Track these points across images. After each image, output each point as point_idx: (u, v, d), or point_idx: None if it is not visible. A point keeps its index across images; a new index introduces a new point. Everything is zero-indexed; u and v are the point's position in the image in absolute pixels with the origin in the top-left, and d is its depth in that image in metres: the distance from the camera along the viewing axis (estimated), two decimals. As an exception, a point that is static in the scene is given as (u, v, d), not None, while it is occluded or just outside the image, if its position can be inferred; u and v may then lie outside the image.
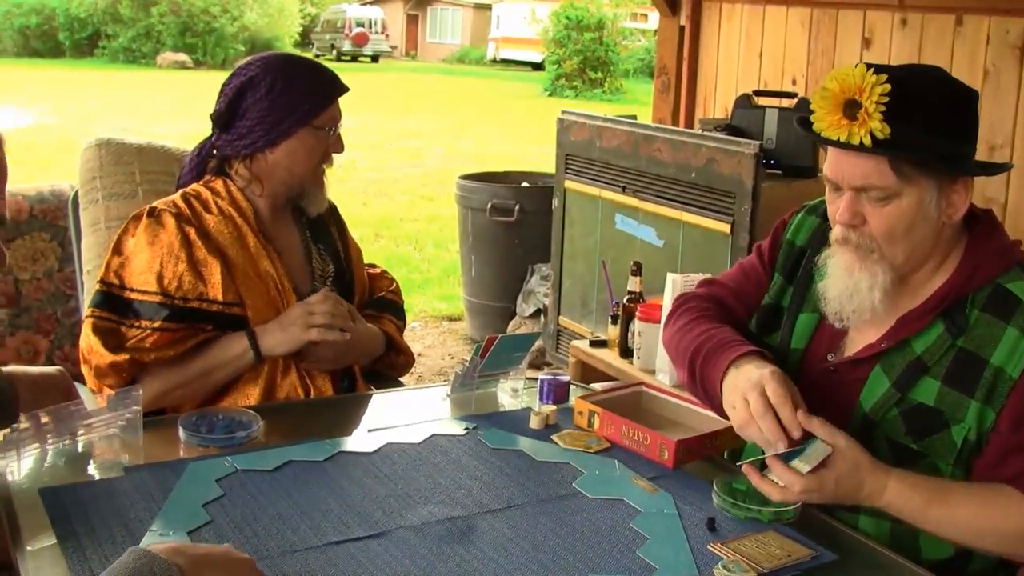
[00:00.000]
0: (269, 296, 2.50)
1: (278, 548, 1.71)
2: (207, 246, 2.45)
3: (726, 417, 1.99)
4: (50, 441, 2.04)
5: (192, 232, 2.45)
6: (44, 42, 35.75)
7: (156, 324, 2.38)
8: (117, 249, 2.48)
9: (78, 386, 2.45)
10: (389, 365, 2.76)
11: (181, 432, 2.14)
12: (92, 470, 2.01)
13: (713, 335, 2.10)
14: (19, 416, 1.79)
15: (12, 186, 3.30)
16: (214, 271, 2.43)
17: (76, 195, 3.02)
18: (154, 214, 2.48)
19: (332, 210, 2.79)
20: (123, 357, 2.37)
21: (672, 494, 1.96)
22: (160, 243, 2.43)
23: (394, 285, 2.92)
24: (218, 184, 2.56)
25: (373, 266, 2.96)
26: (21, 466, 1.95)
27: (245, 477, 1.98)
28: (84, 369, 2.43)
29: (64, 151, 13.40)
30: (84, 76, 27.63)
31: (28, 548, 1.72)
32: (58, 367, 1.96)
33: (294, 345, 2.44)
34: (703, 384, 2.07)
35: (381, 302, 2.83)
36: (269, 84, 2.50)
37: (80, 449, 2.09)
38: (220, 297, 2.42)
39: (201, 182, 2.59)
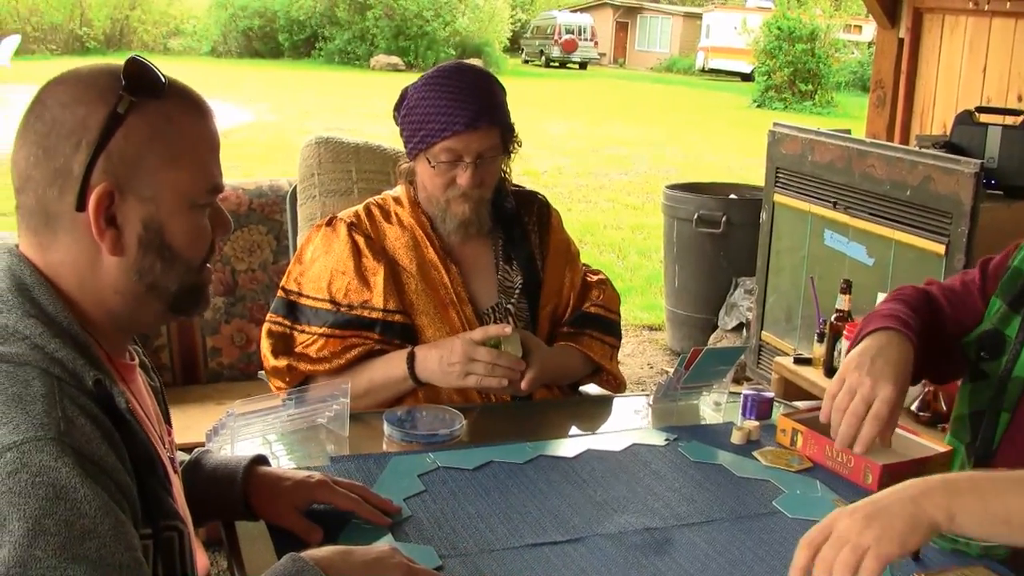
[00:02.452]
0: (443, 307, 2.51)
1: (475, 546, 1.74)
2: (375, 254, 2.49)
3: None
4: (260, 429, 2.11)
5: (362, 241, 2.50)
6: (265, 43, 37.19)
7: (322, 330, 2.45)
8: (298, 257, 2.57)
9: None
10: (598, 384, 2.68)
11: (386, 427, 2.19)
12: (299, 459, 2.08)
13: (889, 308, 2.02)
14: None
15: (233, 180, 3.44)
16: (378, 280, 2.46)
17: (294, 191, 3.12)
18: (331, 224, 2.55)
19: (539, 211, 2.72)
20: (283, 363, 2.46)
21: (876, 519, 1.90)
22: (332, 252, 2.50)
23: (603, 296, 2.71)
24: (402, 192, 2.60)
25: (595, 272, 2.83)
26: (235, 451, 2.02)
27: (446, 474, 2.01)
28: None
29: (281, 148, 13.89)
30: (301, 76, 28.60)
31: (237, 525, 1.81)
32: (320, 474, 1.83)
33: (450, 387, 2.42)
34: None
35: (583, 317, 2.66)
36: (410, 99, 2.51)
37: (288, 438, 2.16)
38: (381, 304, 2.45)
39: (393, 189, 2.64)
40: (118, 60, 1.45)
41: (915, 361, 1.92)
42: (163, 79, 1.41)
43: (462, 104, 2.40)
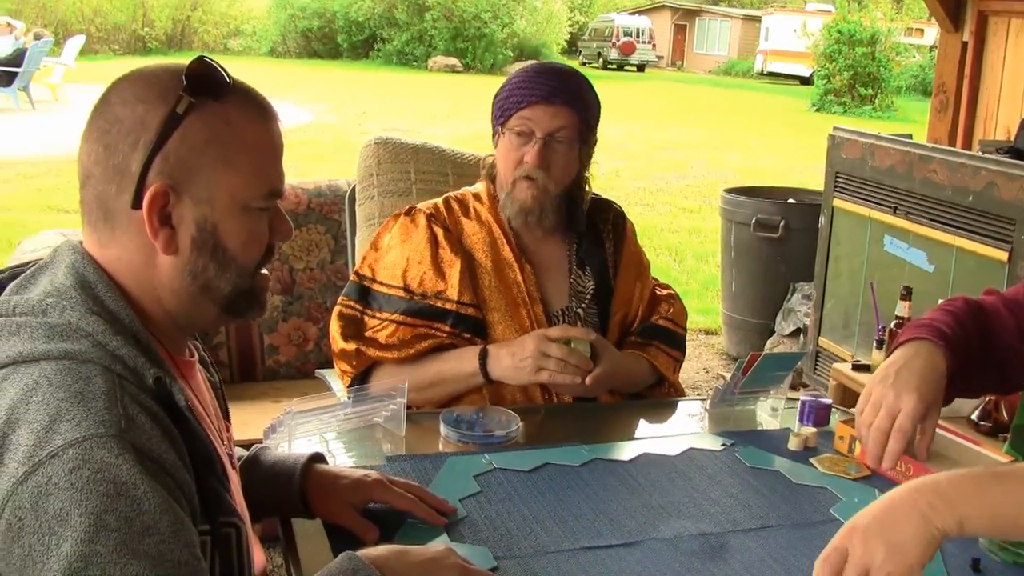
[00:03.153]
0: (514, 305, 2.52)
1: (530, 548, 1.74)
2: (453, 247, 2.51)
3: None
4: (317, 427, 2.12)
5: (440, 233, 2.53)
6: (324, 44, 37.49)
7: (394, 317, 2.46)
8: (374, 244, 2.60)
9: (336, 373, 2.56)
10: (658, 395, 2.67)
11: (442, 427, 2.20)
12: (355, 458, 2.09)
13: (928, 318, 1.95)
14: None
15: (292, 180, 3.46)
16: (454, 272, 2.48)
17: (353, 191, 3.13)
18: (410, 213, 2.58)
19: (615, 220, 2.74)
20: (352, 347, 2.47)
21: (936, 529, 1.88)
22: (410, 241, 2.52)
23: (672, 310, 2.72)
24: (482, 188, 2.62)
25: (664, 286, 2.85)
26: (292, 448, 2.04)
27: (502, 476, 2.02)
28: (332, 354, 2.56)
29: (340, 148, 13.98)
30: (359, 77, 28.78)
31: (294, 522, 1.81)
32: (377, 473, 1.83)
33: (522, 383, 2.43)
34: None
35: (651, 329, 2.66)
36: (507, 79, 2.57)
37: (345, 437, 2.17)
38: (456, 296, 2.46)
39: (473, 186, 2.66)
40: (182, 60, 1.46)
41: (954, 371, 1.85)
42: (227, 80, 1.42)
43: (545, 80, 2.48)
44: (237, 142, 1.42)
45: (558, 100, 2.45)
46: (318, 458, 1.85)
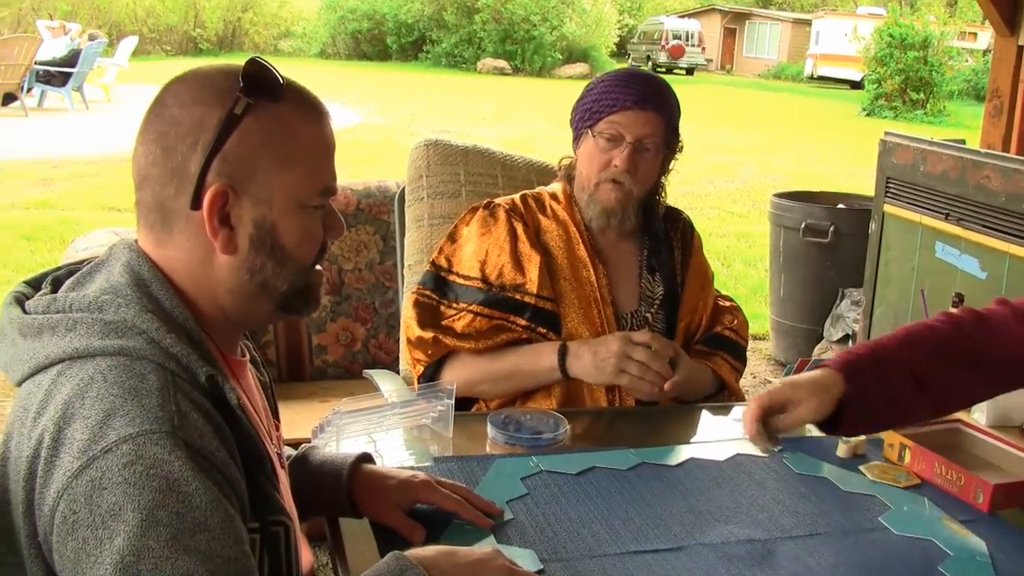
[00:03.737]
0: (586, 303, 2.53)
1: (577, 551, 1.74)
2: (532, 242, 2.54)
3: None
4: (365, 427, 2.13)
5: (520, 227, 2.55)
6: (373, 45, 37.68)
7: (471, 307, 2.48)
8: (452, 236, 2.63)
9: (384, 374, 2.57)
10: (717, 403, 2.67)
11: (489, 429, 2.20)
12: (403, 458, 2.09)
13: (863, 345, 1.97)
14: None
15: (342, 180, 3.47)
16: (533, 266, 2.50)
17: (402, 192, 3.14)
18: (489, 207, 2.61)
19: (684, 230, 2.78)
20: (429, 335, 2.48)
21: (986, 540, 1.85)
22: (489, 234, 2.55)
23: (736, 321, 2.77)
24: (559, 188, 2.64)
25: (726, 298, 2.88)
26: (340, 448, 2.04)
27: (549, 478, 2.01)
28: (402, 343, 2.58)
29: (388, 149, 14.03)
30: (408, 79, 28.86)
31: (341, 521, 1.83)
32: (424, 474, 1.84)
33: (600, 383, 2.44)
34: None
35: (716, 339, 2.70)
36: (588, 88, 2.58)
37: (392, 437, 2.18)
38: (535, 290, 2.48)
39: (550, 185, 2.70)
40: (235, 61, 1.48)
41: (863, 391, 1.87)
42: (281, 81, 1.43)
43: (635, 85, 2.51)
44: (293, 141, 1.43)
45: (648, 106, 2.49)
46: (366, 458, 1.86)
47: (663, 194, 2.69)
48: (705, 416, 2.51)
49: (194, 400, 1.32)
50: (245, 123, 1.39)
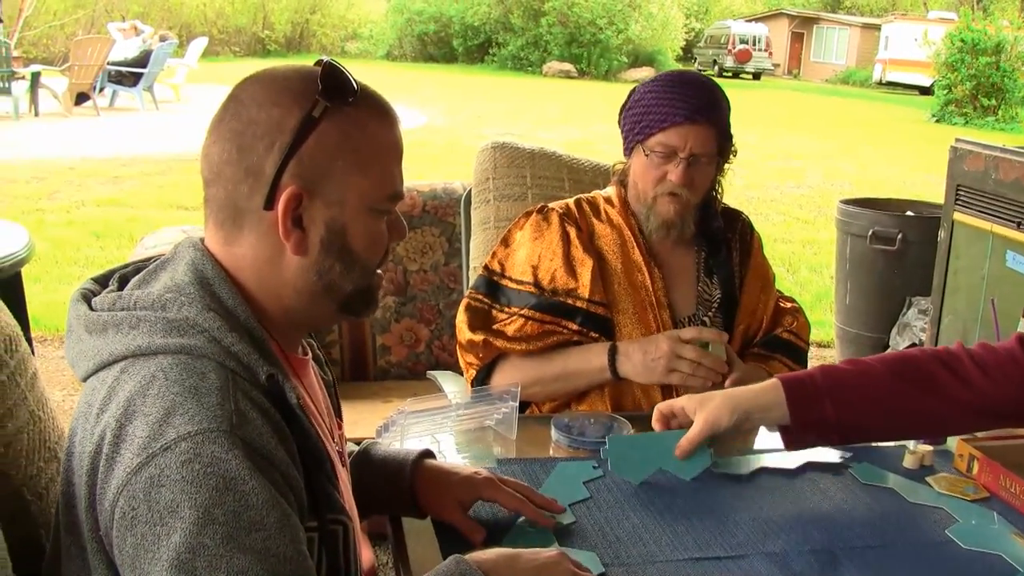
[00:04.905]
0: (641, 308, 2.52)
1: (639, 556, 1.73)
2: (585, 246, 2.52)
3: None
4: (429, 428, 2.14)
5: (573, 232, 2.54)
6: (439, 48, 37.83)
7: (523, 312, 2.48)
8: (505, 240, 2.62)
9: (448, 375, 2.57)
10: None
11: (553, 432, 2.20)
12: (466, 459, 2.10)
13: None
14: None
15: (407, 182, 3.49)
16: (586, 271, 2.49)
17: (468, 194, 3.15)
18: (543, 212, 2.59)
19: (743, 231, 2.74)
20: (479, 337, 2.49)
21: (1055, 556, 1.82)
22: (543, 239, 2.54)
23: (796, 323, 2.71)
24: (613, 192, 2.63)
25: (788, 299, 2.84)
26: (405, 448, 2.05)
27: (612, 482, 2.01)
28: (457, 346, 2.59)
29: (454, 152, 14.07)
30: (474, 81, 28.97)
31: (403, 521, 1.83)
32: (487, 471, 1.82)
33: (651, 382, 2.43)
34: None
35: (775, 341, 2.66)
36: (635, 94, 2.54)
37: (456, 438, 2.19)
38: (587, 295, 2.47)
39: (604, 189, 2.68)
40: (306, 62, 1.49)
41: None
42: (356, 85, 1.44)
43: (684, 98, 2.42)
44: (367, 146, 1.44)
45: (700, 119, 2.43)
46: (428, 454, 1.86)
47: (720, 192, 2.66)
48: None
49: (253, 399, 1.33)
50: (322, 126, 1.40)
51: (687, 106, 2.41)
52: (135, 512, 1.23)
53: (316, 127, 1.40)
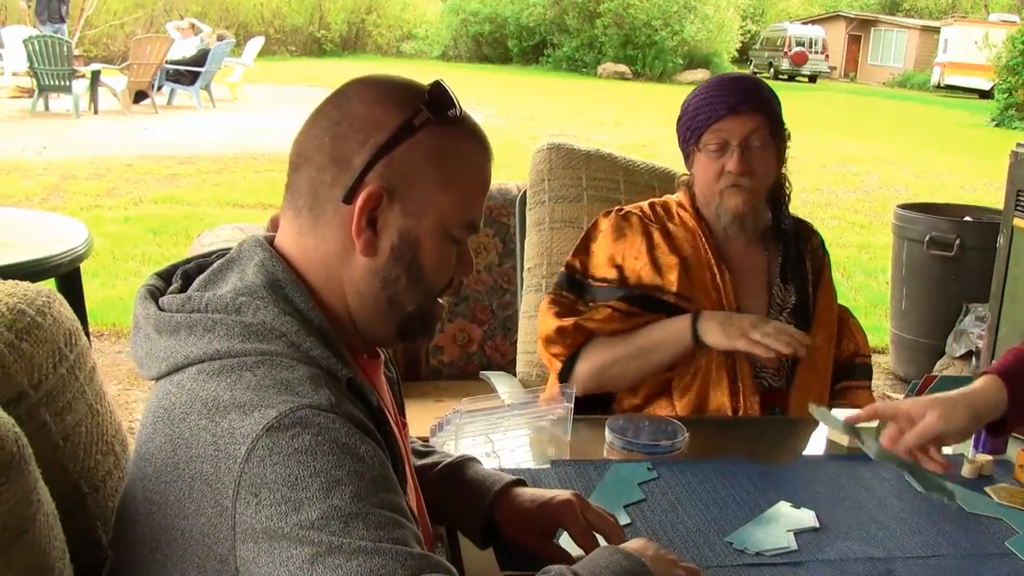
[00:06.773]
0: (715, 308, 2.52)
1: (693, 561, 1.71)
2: (669, 247, 2.55)
3: None
4: (484, 428, 2.14)
5: (656, 233, 2.57)
6: (494, 48, 37.85)
7: (610, 303, 2.51)
8: (584, 247, 2.64)
9: (501, 376, 2.56)
10: None
11: (607, 433, 2.20)
12: (520, 459, 2.10)
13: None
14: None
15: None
16: (672, 269, 2.51)
17: (523, 195, 3.15)
18: (622, 212, 2.62)
19: (816, 246, 2.76)
20: (569, 322, 2.51)
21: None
22: (625, 240, 2.57)
23: (864, 344, 2.81)
24: (684, 197, 2.64)
25: (843, 308, 2.84)
26: (459, 447, 2.06)
27: (666, 485, 2.01)
28: (538, 346, 2.61)
29: (508, 152, 14.05)
30: (528, 82, 28.95)
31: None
32: (569, 493, 1.68)
33: (726, 345, 2.42)
34: None
35: (854, 369, 2.76)
36: (684, 104, 2.59)
37: (510, 438, 2.18)
38: (675, 290, 2.50)
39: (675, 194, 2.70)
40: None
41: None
42: (460, 108, 1.46)
43: (726, 93, 2.51)
44: (458, 168, 1.46)
45: (745, 107, 2.49)
46: (518, 483, 1.75)
47: (788, 186, 2.67)
48: (824, 429, 2.47)
49: (344, 394, 1.33)
50: (419, 135, 1.41)
51: (729, 99, 2.50)
52: (258, 499, 1.20)
53: (413, 135, 1.41)
